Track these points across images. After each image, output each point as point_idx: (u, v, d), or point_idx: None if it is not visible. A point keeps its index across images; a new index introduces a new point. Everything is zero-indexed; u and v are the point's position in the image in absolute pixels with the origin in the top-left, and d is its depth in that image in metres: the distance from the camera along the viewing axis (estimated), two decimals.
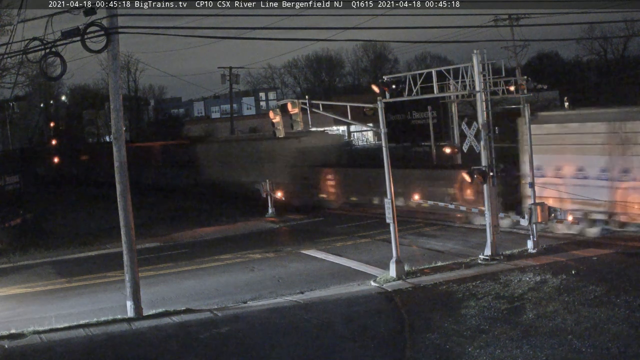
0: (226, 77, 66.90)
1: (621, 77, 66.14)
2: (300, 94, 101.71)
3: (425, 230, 30.52)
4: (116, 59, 19.61)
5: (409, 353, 15.99)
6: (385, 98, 23.86)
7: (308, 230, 33.23)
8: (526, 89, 25.26)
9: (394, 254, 22.38)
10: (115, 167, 19.90)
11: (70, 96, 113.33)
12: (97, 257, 29.80)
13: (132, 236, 19.95)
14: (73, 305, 21.77)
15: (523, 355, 15.17)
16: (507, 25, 51.62)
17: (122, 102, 19.97)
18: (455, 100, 34.02)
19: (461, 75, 24.15)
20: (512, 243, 25.52)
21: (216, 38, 79.54)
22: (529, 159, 25.68)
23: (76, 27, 18.50)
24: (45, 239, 34.08)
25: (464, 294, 19.84)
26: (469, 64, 23.82)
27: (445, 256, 24.72)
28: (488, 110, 23.94)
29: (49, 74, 21.86)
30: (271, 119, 26.29)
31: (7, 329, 18.70)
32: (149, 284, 22.77)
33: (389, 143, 23.10)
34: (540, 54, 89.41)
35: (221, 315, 19.44)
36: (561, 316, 17.30)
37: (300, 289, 21.91)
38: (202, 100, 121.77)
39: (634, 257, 22.18)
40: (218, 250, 29.18)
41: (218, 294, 22.06)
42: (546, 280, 20.41)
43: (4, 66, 33.82)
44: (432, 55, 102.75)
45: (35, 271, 27.60)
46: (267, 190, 37.82)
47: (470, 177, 23.68)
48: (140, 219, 31.25)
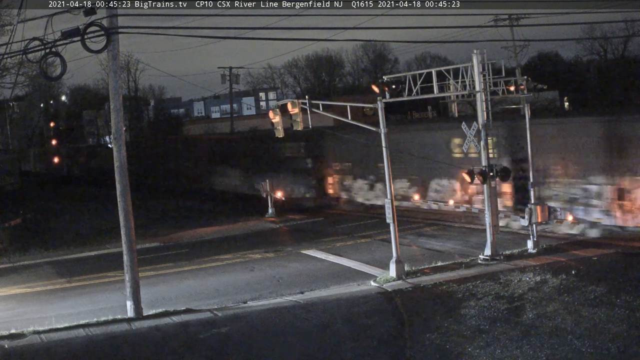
0: (226, 77, 66.92)
1: (621, 77, 66.08)
2: (300, 94, 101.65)
3: (425, 230, 30.52)
4: (116, 59, 19.61)
5: (409, 353, 16.01)
6: (385, 98, 23.86)
7: (308, 230, 33.23)
8: (526, 89, 25.23)
9: (394, 254, 22.38)
10: (115, 167, 19.89)
11: (70, 96, 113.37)
12: (97, 257, 29.80)
13: (132, 236, 19.95)
14: (73, 305, 21.77)
15: (523, 355, 15.18)
16: (507, 25, 51.72)
17: (122, 102, 19.98)
18: (455, 100, 34.00)
19: (461, 75, 24.13)
20: (512, 243, 25.52)
21: (216, 38, 79.61)
22: (529, 159, 25.70)
23: (76, 27, 18.50)
24: (45, 239, 34.10)
25: (464, 294, 19.84)
26: (469, 64, 23.80)
27: (445, 256, 24.72)
28: (488, 110, 23.93)
29: (49, 74, 21.85)
30: (271, 119, 26.32)
31: (7, 329, 18.69)
32: (149, 284, 22.77)
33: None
34: (540, 54, 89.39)
35: (221, 315, 19.44)
36: (561, 316, 17.30)
37: (300, 289, 21.91)
38: (202, 100, 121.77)
39: (634, 257, 22.18)
40: (218, 250, 29.19)
41: (218, 294, 22.06)
42: (546, 280, 20.40)
43: (4, 66, 33.83)
44: (432, 55, 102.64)
45: (35, 271, 27.60)
46: (267, 190, 37.81)
47: (470, 177, 23.68)
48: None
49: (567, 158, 28.02)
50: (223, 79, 67.52)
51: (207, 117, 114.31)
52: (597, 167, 26.76)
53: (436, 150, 33.81)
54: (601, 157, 26.63)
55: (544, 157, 28.16)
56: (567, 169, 27.93)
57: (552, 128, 29.44)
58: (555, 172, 28.28)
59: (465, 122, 24.82)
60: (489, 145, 24.13)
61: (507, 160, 29.58)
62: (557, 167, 28.25)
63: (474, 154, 26.98)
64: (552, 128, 29.44)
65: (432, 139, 34.86)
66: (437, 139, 34.39)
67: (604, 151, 26.59)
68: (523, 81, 25.40)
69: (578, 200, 27.36)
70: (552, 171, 28.41)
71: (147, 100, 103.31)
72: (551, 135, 28.72)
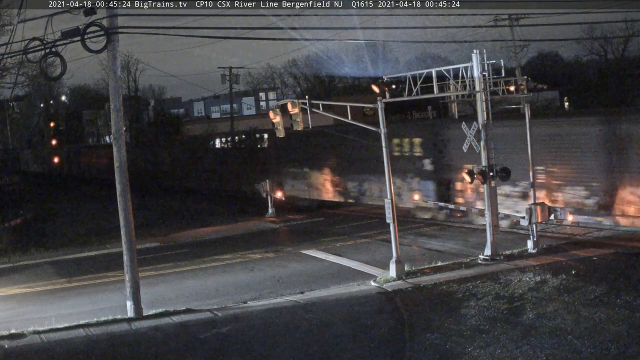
0: (226, 77, 66.89)
1: (621, 77, 66.07)
2: (300, 94, 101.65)
3: (425, 230, 30.52)
4: (116, 59, 19.62)
5: (409, 353, 15.99)
6: (385, 98, 23.86)
7: (308, 230, 33.23)
8: (526, 89, 25.23)
9: (394, 254, 22.37)
10: (115, 167, 19.91)
11: (70, 96, 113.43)
12: (97, 257, 29.80)
13: (132, 236, 19.96)
14: (73, 305, 21.77)
15: (523, 355, 15.16)
16: (507, 25, 51.69)
17: (122, 102, 19.98)
18: (455, 100, 34.00)
19: (461, 75, 24.13)
20: (512, 243, 25.52)
21: (216, 38, 79.56)
22: (529, 159, 25.69)
23: (76, 27, 18.51)
24: (45, 239, 34.10)
25: (464, 294, 19.83)
26: (469, 64, 23.80)
27: (445, 256, 24.72)
28: (488, 110, 23.93)
29: (49, 74, 21.87)
30: (271, 119, 26.32)
31: (7, 329, 18.70)
32: (149, 284, 22.78)
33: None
34: (540, 54, 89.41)
35: (221, 315, 19.44)
36: (561, 316, 17.29)
37: (300, 289, 21.91)
38: (202, 100, 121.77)
39: (634, 257, 22.17)
40: (218, 250, 29.19)
41: (218, 294, 22.06)
42: (546, 280, 20.40)
43: (4, 66, 33.81)
44: (432, 55, 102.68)
45: (35, 271, 27.60)
46: (267, 190, 37.80)
47: (470, 177, 23.68)
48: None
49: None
50: (223, 79, 67.50)
51: (207, 117, 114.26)
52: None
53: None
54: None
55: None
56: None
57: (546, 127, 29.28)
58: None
59: (465, 121, 24.80)
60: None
61: (429, 160, 32.04)
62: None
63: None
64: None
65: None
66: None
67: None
68: (523, 81, 25.40)
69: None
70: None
71: (147, 100, 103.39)
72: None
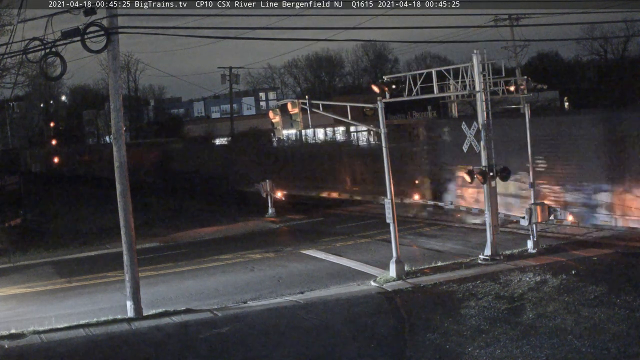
0: (226, 77, 66.97)
1: (621, 77, 66.12)
2: (300, 94, 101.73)
3: (425, 230, 30.52)
4: (116, 59, 19.61)
5: (409, 353, 15.99)
6: (385, 98, 23.85)
7: (308, 230, 33.22)
8: (526, 89, 25.23)
9: (394, 254, 22.37)
10: (115, 167, 19.89)
11: (70, 96, 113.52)
12: (97, 257, 29.79)
13: (132, 236, 19.95)
14: (73, 305, 21.77)
15: (523, 355, 15.16)
16: (507, 25, 51.70)
17: (122, 102, 19.98)
18: (455, 100, 34.02)
19: (461, 75, 24.12)
20: (512, 243, 25.51)
21: (216, 38, 79.63)
22: (529, 158, 25.69)
23: (76, 27, 18.50)
24: (45, 239, 34.09)
25: (464, 294, 19.83)
26: (469, 64, 23.80)
27: (445, 256, 24.71)
28: (488, 110, 23.93)
29: (49, 74, 21.86)
30: (271, 119, 26.32)
31: (7, 329, 18.69)
32: (149, 284, 22.77)
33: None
34: (540, 54, 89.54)
35: (221, 315, 19.44)
36: (561, 316, 17.29)
37: (300, 289, 21.90)
38: (202, 100, 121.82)
39: (634, 257, 22.16)
40: (218, 250, 29.18)
41: (218, 294, 22.06)
42: (546, 280, 20.40)
43: (4, 66, 33.85)
44: (432, 55, 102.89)
45: (35, 271, 27.59)
46: (267, 190, 37.80)
47: (470, 177, 23.67)
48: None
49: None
50: (223, 79, 67.60)
51: (207, 117, 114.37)
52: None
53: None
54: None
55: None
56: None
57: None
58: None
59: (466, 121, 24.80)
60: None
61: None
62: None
63: None
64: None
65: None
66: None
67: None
68: (523, 81, 25.40)
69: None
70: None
71: (147, 100, 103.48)
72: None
